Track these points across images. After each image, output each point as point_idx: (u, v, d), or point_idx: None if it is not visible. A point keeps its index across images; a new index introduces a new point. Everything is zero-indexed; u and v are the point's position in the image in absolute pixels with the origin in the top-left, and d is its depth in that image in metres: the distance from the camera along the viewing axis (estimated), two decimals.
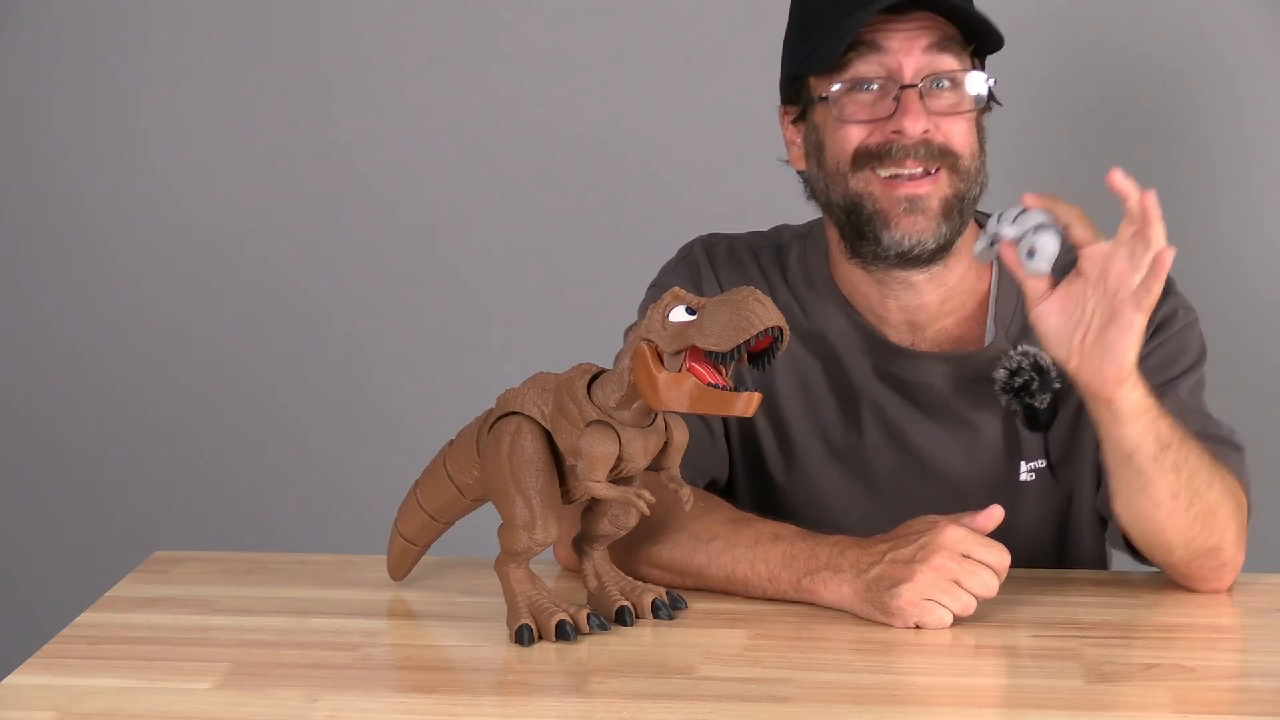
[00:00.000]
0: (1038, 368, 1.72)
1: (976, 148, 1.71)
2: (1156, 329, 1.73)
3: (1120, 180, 1.51)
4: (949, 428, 1.78)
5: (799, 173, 1.80)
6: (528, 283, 2.76)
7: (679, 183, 2.70)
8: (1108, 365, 1.54)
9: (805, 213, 1.87)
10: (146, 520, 2.88)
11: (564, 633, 1.52)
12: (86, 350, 2.87)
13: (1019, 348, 1.74)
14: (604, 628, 1.55)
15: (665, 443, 1.53)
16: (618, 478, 1.52)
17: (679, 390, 1.45)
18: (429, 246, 2.77)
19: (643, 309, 1.81)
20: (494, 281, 2.77)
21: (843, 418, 1.80)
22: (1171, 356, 1.74)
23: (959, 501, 1.70)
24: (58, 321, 2.87)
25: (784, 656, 1.51)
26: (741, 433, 1.83)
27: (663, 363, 1.45)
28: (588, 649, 1.52)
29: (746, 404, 1.44)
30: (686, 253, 1.89)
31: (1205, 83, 2.57)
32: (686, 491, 1.54)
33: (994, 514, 1.57)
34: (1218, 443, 1.67)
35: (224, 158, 2.80)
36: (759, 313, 1.41)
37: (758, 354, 1.44)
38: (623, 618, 1.57)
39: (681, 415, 1.53)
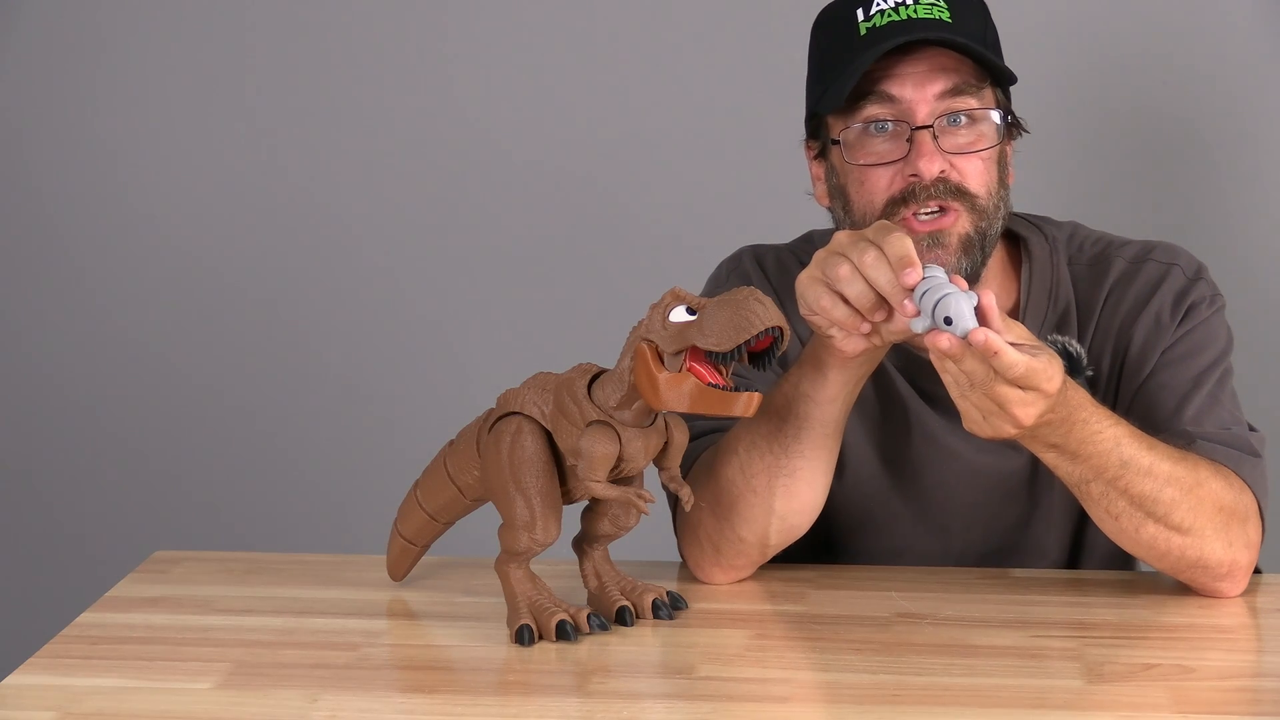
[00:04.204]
0: (1067, 354, 1.72)
1: (995, 184, 1.69)
2: (1184, 316, 1.73)
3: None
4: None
5: (826, 207, 1.76)
6: (528, 283, 2.76)
7: (679, 183, 2.70)
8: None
9: (800, 216, 1.86)
10: (146, 520, 2.88)
11: (564, 633, 1.52)
12: (87, 350, 2.87)
13: (1050, 335, 1.74)
14: (604, 628, 1.55)
15: (665, 443, 1.53)
16: (618, 478, 1.52)
17: (679, 390, 1.45)
18: (429, 246, 2.77)
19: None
20: (494, 281, 2.76)
21: (890, 427, 1.79)
22: (1199, 345, 1.73)
23: (1004, 503, 1.76)
24: (58, 322, 2.87)
25: (784, 656, 1.51)
26: None
27: (663, 363, 1.45)
28: (588, 649, 1.52)
29: (746, 404, 1.44)
30: (736, 263, 1.85)
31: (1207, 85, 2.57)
32: (687, 491, 1.54)
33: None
34: (1230, 448, 1.66)
35: (225, 158, 2.80)
36: (759, 313, 1.41)
37: (758, 354, 1.44)
38: (623, 618, 1.57)
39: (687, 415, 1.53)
